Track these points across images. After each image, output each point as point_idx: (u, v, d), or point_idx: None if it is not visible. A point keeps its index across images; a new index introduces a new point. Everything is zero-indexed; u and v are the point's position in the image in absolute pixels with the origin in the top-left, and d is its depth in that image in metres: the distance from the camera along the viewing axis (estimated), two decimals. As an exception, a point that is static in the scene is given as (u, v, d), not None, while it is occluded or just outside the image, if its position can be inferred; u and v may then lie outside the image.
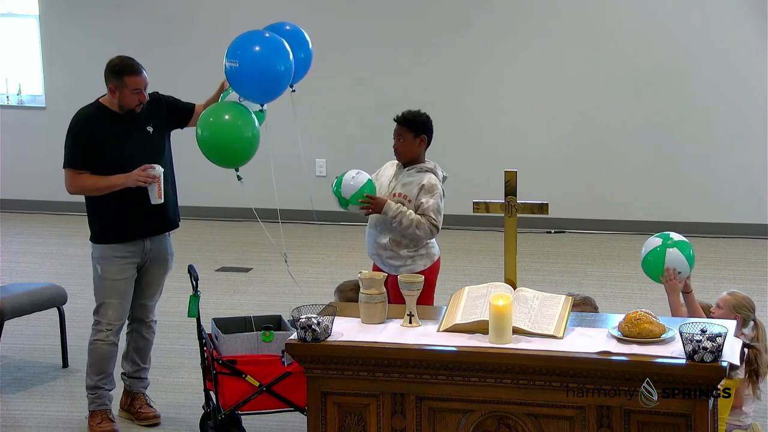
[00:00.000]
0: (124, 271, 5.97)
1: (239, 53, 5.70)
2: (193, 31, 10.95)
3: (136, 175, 5.81)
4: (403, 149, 6.01)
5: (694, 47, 10.33)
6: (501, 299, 4.45)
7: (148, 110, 6.02)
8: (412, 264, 5.95)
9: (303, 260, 9.06)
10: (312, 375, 4.57)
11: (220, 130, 5.72)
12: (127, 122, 5.93)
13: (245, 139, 5.73)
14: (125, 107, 5.90)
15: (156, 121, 6.05)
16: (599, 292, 8.36)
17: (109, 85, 5.91)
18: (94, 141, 5.87)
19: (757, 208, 10.28)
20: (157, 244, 6.07)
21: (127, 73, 5.86)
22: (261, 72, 5.69)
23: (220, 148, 5.74)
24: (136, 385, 6.21)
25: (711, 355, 4.19)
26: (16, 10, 11.53)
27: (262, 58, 5.71)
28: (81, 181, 5.91)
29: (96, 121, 5.91)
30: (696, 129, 10.44)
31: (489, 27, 10.63)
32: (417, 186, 5.93)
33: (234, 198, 10.70)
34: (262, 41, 5.78)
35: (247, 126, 5.73)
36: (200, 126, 5.75)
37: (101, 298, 5.99)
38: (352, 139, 10.75)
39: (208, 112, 5.80)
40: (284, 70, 5.75)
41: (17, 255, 9.82)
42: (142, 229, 5.97)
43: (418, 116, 6.03)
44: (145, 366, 6.24)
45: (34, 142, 11.37)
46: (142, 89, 5.89)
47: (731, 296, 5.63)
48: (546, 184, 10.13)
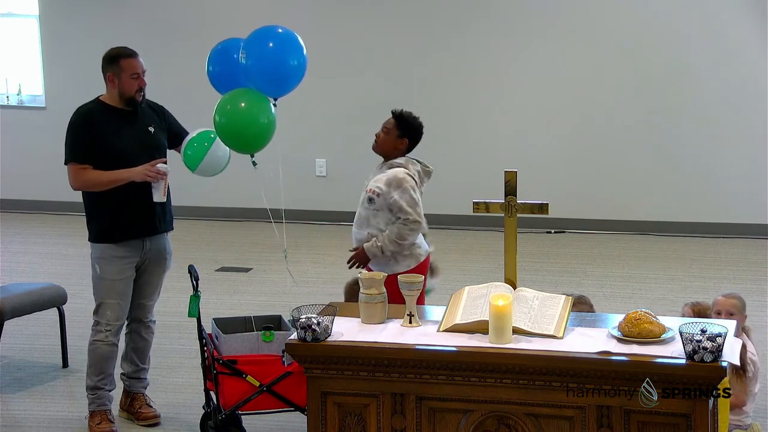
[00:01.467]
0: (123, 271, 5.96)
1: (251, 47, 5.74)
2: (193, 31, 10.95)
3: (144, 169, 5.82)
4: (382, 141, 6.04)
5: (695, 48, 10.33)
6: (501, 299, 4.45)
7: (150, 114, 6.04)
8: (395, 265, 5.93)
9: (303, 260, 9.07)
10: (312, 375, 4.57)
11: (236, 117, 5.75)
12: (128, 118, 5.93)
13: (261, 125, 5.77)
14: (125, 94, 5.89)
15: (157, 124, 6.07)
16: (599, 292, 8.36)
17: (107, 74, 5.91)
18: (95, 135, 5.86)
19: (757, 208, 10.28)
20: (155, 243, 6.06)
21: (123, 57, 5.88)
22: (273, 66, 5.73)
23: (237, 134, 5.77)
24: (135, 386, 6.21)
25: (711, 355, 4.19)
26: (16, 10, 11.54)
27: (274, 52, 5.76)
28: (85, 176, 5.89)
29: (96, 116, 5.91)
30: (696, 129, 10.45)
31: (489, 27, 10.63)
32: (385, 180, 5.93)
33: (234, 198, 10.72)
34: (275, 36, 5.83)
35: (263, 112, 5.76)
36: (218, 113, 5.76)
37: (100, 299, 5.99)
38: (352, 139, 10.74)
39: (225, 100, 5.80)
40: (297, 65, 5.80)
41: (17, 255, 9.82)
42: (142, 229, 5.97)
43: (412, 119, 6.07)
44: (145, 366, 6.23)
45: (34, 142, 11.38)
46: (140, 74, 5.89)
47: (735, 299, 5.65)
48: (546, 184, 10.13)
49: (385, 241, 5.89)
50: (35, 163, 11.26)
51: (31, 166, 11.35)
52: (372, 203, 5.94)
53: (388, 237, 5.89)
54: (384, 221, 5.94)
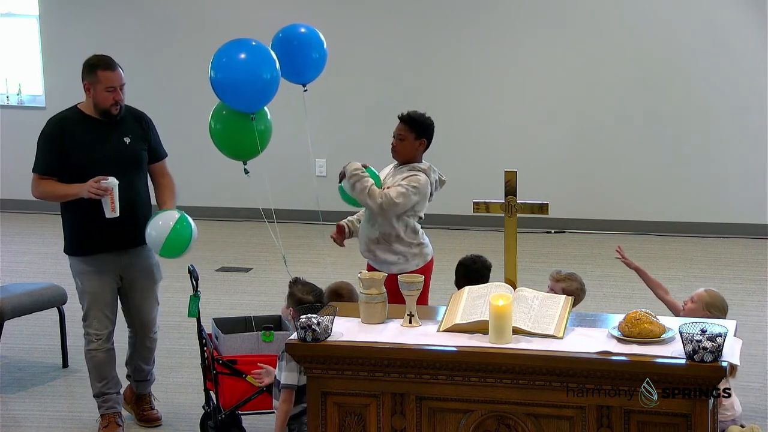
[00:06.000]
0: (103, 283, 5.85)
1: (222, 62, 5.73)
2: (193, 32, 10.94)
3: (88, 186, 5.65)
4: (401, 149, 6.01)
5: (695, 48, 10.33)
6: (501, 299, 4.44)
7: (130, 123, 5.86)
8: (405, 263, 5.95)
9: (303, 260, 9.06)
10: (312, 375, 4.57)
11: (232, 123, 5.70)
12: (102, 128, 5.78)
13: (257, 132, 5.73)
14: (99, 106, 5.74)
15: (136, 135, 5.86)
16: (599, 292, 8.36)
17: (84, 82, 5.77)
18: (64, 146, 5.76)
19: (757, 208, 10.28)
20: (135, 257, 5.89)
21: (101, 68, 5.71)
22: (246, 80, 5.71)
23: (233, 140, 5.72)
24: (141, 387, 6.18)
25: (711, 355, 4.19)
26: (16, 10, 11.53)
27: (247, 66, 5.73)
28: (41, 186, 5.84)
29: (69, 125, 5.78)
30: (696, 129, 10.45)
31: (489, 27, 10.63)
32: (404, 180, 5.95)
33: (234, 198, 10.71)
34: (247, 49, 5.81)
35: (259, 119, 5.74)
36: (213, 119, 5.71)
37: (85, 310, 5.93)
38: (352, 139, 10.74)
39: (221, 105, 5.73)
40: (270, 78, 5.76)
41: (17, 255, 9.82)
42: (111, 243, 5.80)
43: (423, 118, 6.02)
44: (149, 367, 6.19)
45: (34, 142, 11.27)
46: (117, 87, 5.72)
47: (707, 293, 5.65)
48: (546, 184, 10.13)
49: (363, 181, 5.85)
50: (35, 163, 11.25)
51: (31, 166, 11.32)
52: None
53: (364, 184, 5.85)
54: (397, 219, 5.94)
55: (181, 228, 5.69)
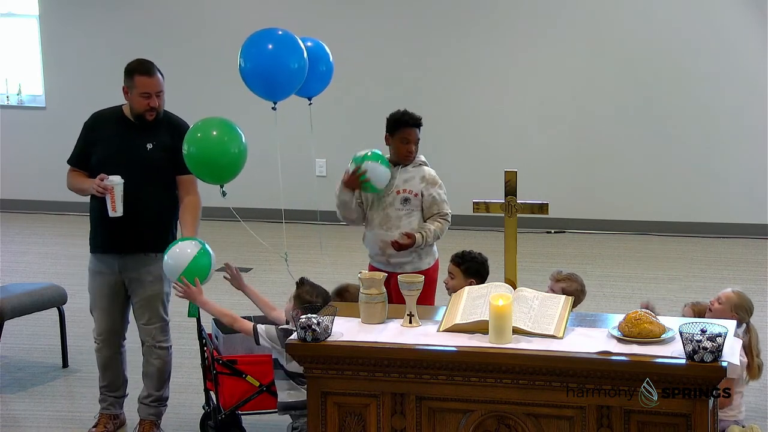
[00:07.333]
0: (103, 286, 5.82)
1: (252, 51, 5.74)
2: (193, 32, 10.94)
3: (94, 182, 5.64)
4: (415, 151, 6.09)
5: (695, 48, 10.33)
6: (501, 299, 4.44)
7: (161, 130, 5.77)
8: (419, 261, 6.01)
9: (303, 260, 9.06)
10: (312, 375, 4.57)
11: (207, 147, 5.56)
12: (130, 130, 5.75)
13: (232, 155, 5.62)
14: (135, 111, 5.72)
15: (162, 143, 5.77)
16: (599, 292, 8.37)
17: (124, 85, 5.76)
18: (92, 141, 5.79)
19: (757, 208, 10.29)
20: (133, 263, 5.78)
21: (139, 73, 5.67)
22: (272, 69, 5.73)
23: (207, 164, 5.62)
24: (142, 410, 5.97)
25: (711, 355, 4.19)
26: (16, 10, 11.54)
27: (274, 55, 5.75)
28: (69, 177, 5.88)
29: (102, 122, 5.82)
30: (696, 129, 10.45)
31: (489, 27, 10.63)
32: (419, 179, 6.02)
33: (234, 198, 10.70)
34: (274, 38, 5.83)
35: (234, 142, 5.63)
36: (187, 142, 5.55)
37: (91, 309, 5.95)
38: (352, 139, 10.72)
39: (196, 128, 5.60)
40: (297, 68, 5.79)
41: (17, 255, 9.82)
42: (113, 243, 5.75)
43: (420, 119, 6.13)
44: (153, 393, 5.92)
45: (34, 142, 11.38)
46: (152, 94, 5.67)
47: (735, 295, 5.64)
48: (546, 184, 10.13)
49: (430, 237, 5.96)
50: (35, 163, 11.26)
51: (31, 166, 11.35)
52: (407, 203, 5.98)
53: (435, 233, 5.96)
54: (417, 221, 5.98)
55: (200, 257, 5.69)
